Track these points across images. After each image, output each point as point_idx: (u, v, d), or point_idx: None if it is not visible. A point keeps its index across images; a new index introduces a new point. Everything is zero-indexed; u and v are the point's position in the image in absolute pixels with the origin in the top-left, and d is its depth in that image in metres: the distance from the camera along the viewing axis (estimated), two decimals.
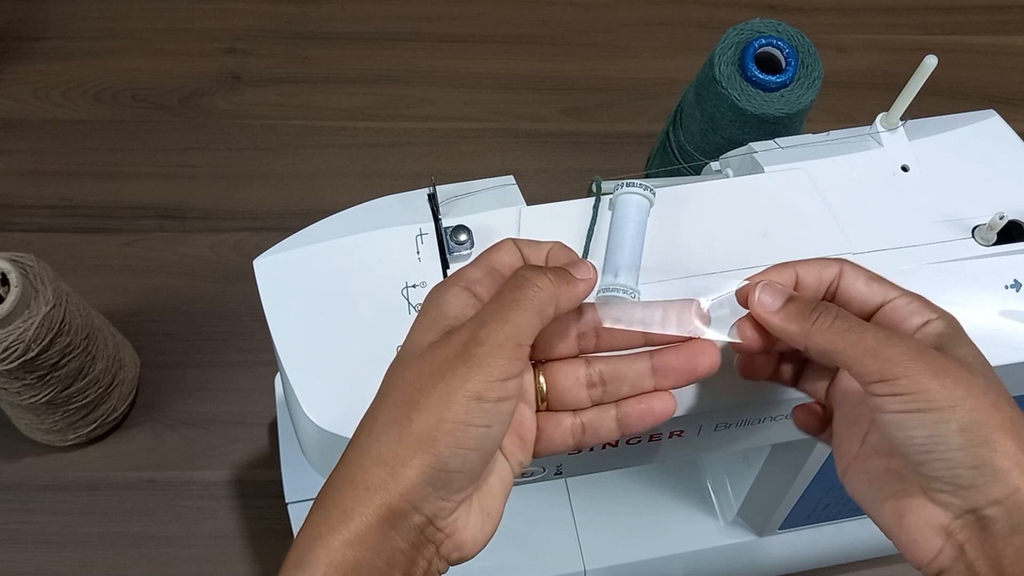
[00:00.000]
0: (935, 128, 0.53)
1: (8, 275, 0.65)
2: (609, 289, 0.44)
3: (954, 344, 0.38)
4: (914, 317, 0.39)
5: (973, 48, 1.04)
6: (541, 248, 0.40)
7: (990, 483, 0.35)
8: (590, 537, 0.71)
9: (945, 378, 0.35)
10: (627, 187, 0.46)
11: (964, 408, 0.35)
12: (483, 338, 0.34)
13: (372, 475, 0.33)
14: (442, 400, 0.34)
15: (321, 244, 0.49)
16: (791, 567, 0.74)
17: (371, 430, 0.35)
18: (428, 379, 0.34)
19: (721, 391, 0.47)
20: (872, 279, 0.40)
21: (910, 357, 0.36)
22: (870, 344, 0.37)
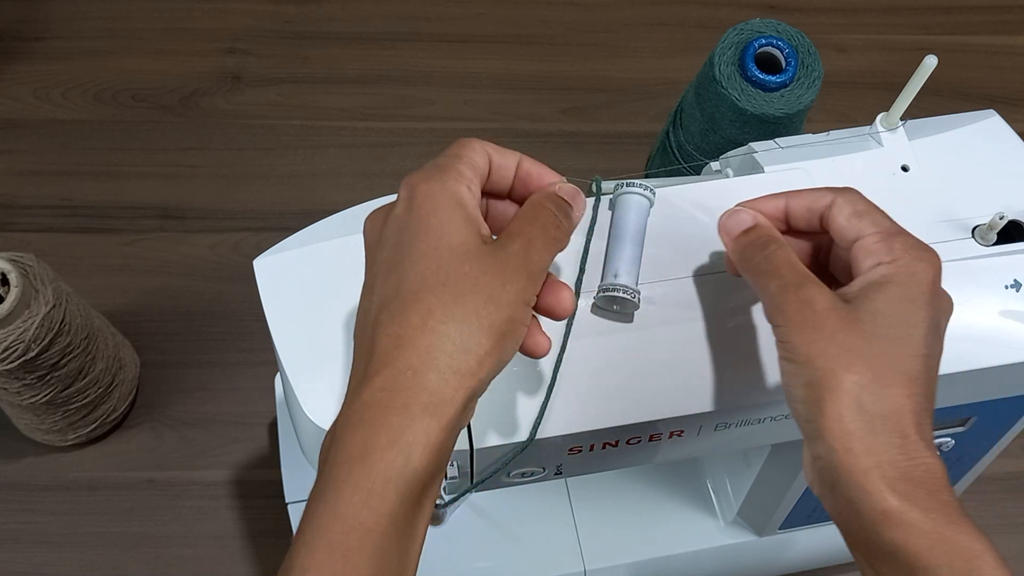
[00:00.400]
0: (935, 128, 0.53)
1: (8, 275, 0.65)
2: (609, 289, 0.45)
3: (874, 295, 0.39)
4: (869, 258, 0.40)
5: (973, 48, 1.04)
6: (510, 158, 0.41)
7: (816, 439, 0.38)
8: (590, 537, 0.71)
9: (809, 333, 0.38)
10: (627, 187, 0.46)
11: (812, 366, 0.38)
12: (535, 260, 0.38)
13: (460, 362, 0.36)
14: (511, 301, 0.37)
15: (321, 244, 0.49)
16: (791, 567, 0.74)
17: (446, 318, 0.36)
18: (498, 279, 0.37)
19: (721, 391, 0.47)
20: (855, 214, 0.41)
21: (792, 309, 0.39)
22: (771, 290, 0.40)
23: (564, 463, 0.50)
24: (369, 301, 0.38)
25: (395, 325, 0.36)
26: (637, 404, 0.47)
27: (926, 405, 0.38)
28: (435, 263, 0.37)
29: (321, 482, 0.35)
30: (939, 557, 0.36)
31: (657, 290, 0.47)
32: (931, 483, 0.37)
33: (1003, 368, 0.49)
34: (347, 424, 0.35)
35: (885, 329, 0.38)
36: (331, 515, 0.34)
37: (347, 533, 0.34)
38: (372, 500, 0.34)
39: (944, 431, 0.57)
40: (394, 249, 0.38)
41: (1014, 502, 0.81)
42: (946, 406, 0.53)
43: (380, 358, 0.36)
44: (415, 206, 0.38)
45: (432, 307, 0.36)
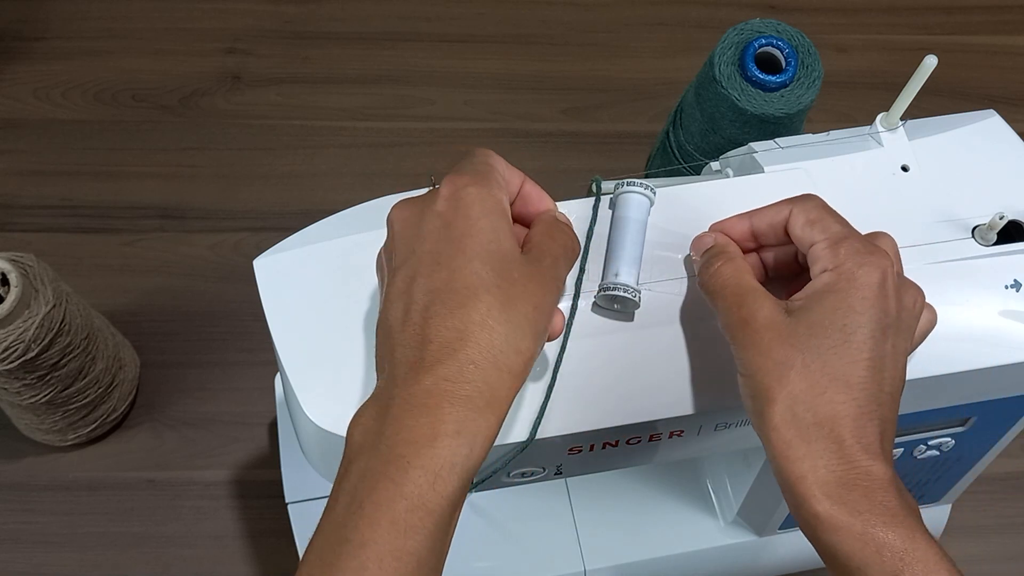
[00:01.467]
0: (935, 128, 0.53)
1: (8, 275, 0.65)
2: (610, 288, 0.45)
3: (814, 304, 0.40)
4: (816, 264, 0.42)
5: (973, 48, 1.04)
6: (516, 177, 0.43)
7: (765, 448, 0.41)
8: (590, 537, 0.71)
9: (749, 349, 0.41)
10: (628, 186, 0.46)
11: (754, 380, 0.40)
12: (561, 276, 0.42)
13: (513, 362, 0.38)
14: (549, 311, 0.40)
15: (321, 244, 0.49)
16: (791, 567, 0.74)
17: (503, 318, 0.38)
18: (540, 289, 0.39)
19: (721, 391, 0.47)
20: (808, 223, 0.42)
21: (735, 327, 0.41)
22: (719, 308, 0.43)
23: (564, 463, 0.50)
24: (408, 290, 0.39)
25: (454, 319, 0.37)
26: (637, 404, 0.47)
27: (870, 408, 0.39)
28: (490, 265, 0.38)
29: (374, 460, 0.36)
30: (870, 556, 0.37)
31: (657, 290, 0.47)
32: (867, 486, 0.38)
33: (1003, 368, 0.49)
34: (406, 407, 0.36)
35: (820, 339, 0.39)
36: (396, 492, 0.35)
37: (411, 511, 0.35)
38: (438, 484, 0.35)
39: (944, 431, 0.57)
40: (439, 243, 0.39)
41: (1014, 502, 0.81)
42: (946, 406, 0.53)
43: (440, 348, 0.37)
44: (463, 207, 0.39)
45: (491, 306, 0.37)
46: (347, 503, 0.36)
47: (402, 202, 0.42)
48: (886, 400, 0.40)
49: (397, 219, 0.41)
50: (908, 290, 0.42)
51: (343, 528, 0.35)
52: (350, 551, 0.35)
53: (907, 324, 0.41)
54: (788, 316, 0.41)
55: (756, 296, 0.42)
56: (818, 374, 0.39)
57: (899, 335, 0.41)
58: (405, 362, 0.38)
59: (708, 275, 0.44)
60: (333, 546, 0.35)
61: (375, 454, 0.36)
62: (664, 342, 0.47)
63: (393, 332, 0.39)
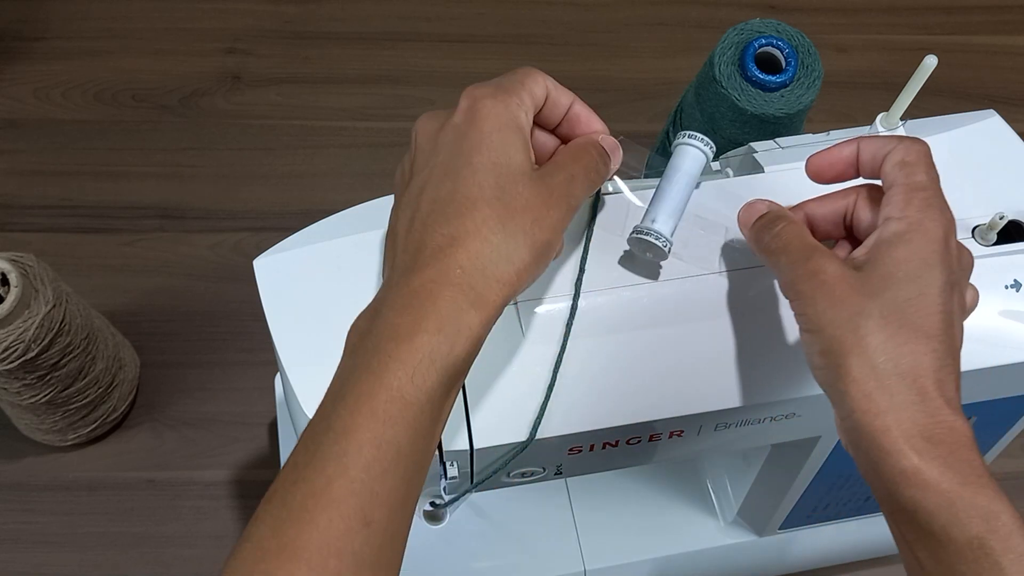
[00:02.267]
0: (935, 128, 0.53)
1: (8, 275, 0.65)
2: (644, 232, 0.45)
3: (883, 255, 0.39)
4: (885, 208, 0.41)
5: (973, 48, 1.04)
6: (565, 97, 0.45)
7: (839, 403, 0.39)
8: (590, 537, 0.71)
9: (820, 303, 0.39)
10: (687, 138, 0.47)
11: (826, 334, 0.39)
12: (575, 194, 0.42)
13: (503, 271, 0.38)
14: (552, 226, 0.40)
15: (321, 244, 0.49)
16: (791, 567, 0.74)
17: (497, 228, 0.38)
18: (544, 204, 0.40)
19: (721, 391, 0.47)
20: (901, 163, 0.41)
21: (802, 281, 0.40)
22: (782, 266, 0.42)
23: (564, 463, 0.50)
24: (416, 200, 0.40)
25: (450, 226, 0.38)
26: (637, 404, 0.47)
27: (948, 362, 0.38)
28: (494, 178, 0.39)
29: (361, 356, 0.37)
30: (955, 516, 0.36)
31: (658, 290, 0.47)
32: (952, 442, 0.37)
33: (1003, 368, 0.49)
34: (393, 307, 0.37)
35: (896, 290, 0.39)
36: (377, 384, 0.36)
37: (390, 402, 0.36)
38: (416, 377, 0.36)
39: None
40: (450, 155, 0.40)
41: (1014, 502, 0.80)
42: None
43: (432, 252, 0.38)
44: (477, 119, 0.40)
45: (487, 216, 0.38)
46: (332, 397, 0.37)
47: (427, 114, 0.43)
48: (958, 355, 0.39)
49: (420, 131, 0.42)
50: (964, 252, 0.42)
51: (327, 418, 0.37)
52: (332, 438, 0.36)
53: (965, 284, 0.41)
54: (857, 270, 0.40)
55: (823, 251, 0.41)
56: (896, 324, 0.38)
57: (961, 294, 0.41)
58: (401, 266, 0.39)
59: (771, 236, 0.43)
60: (317, 435, 0.36)
61: (362, 352, 0.37)
62: (664, 343, 0.47)
63: (396, 239, 0.40)
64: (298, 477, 0.36)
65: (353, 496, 0.35)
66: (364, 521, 0.35)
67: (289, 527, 0.35)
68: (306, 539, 0.35)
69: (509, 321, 0.46)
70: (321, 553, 0.34)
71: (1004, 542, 0.36)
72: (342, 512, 0.35)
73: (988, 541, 0.36)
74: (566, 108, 0.45)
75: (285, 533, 0.35)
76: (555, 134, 0.45)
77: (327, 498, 0.35)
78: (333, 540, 0.35)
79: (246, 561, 0.35)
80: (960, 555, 0.36)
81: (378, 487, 0.36)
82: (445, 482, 0.48)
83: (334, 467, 0.35)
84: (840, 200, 0.44)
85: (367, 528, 0.35)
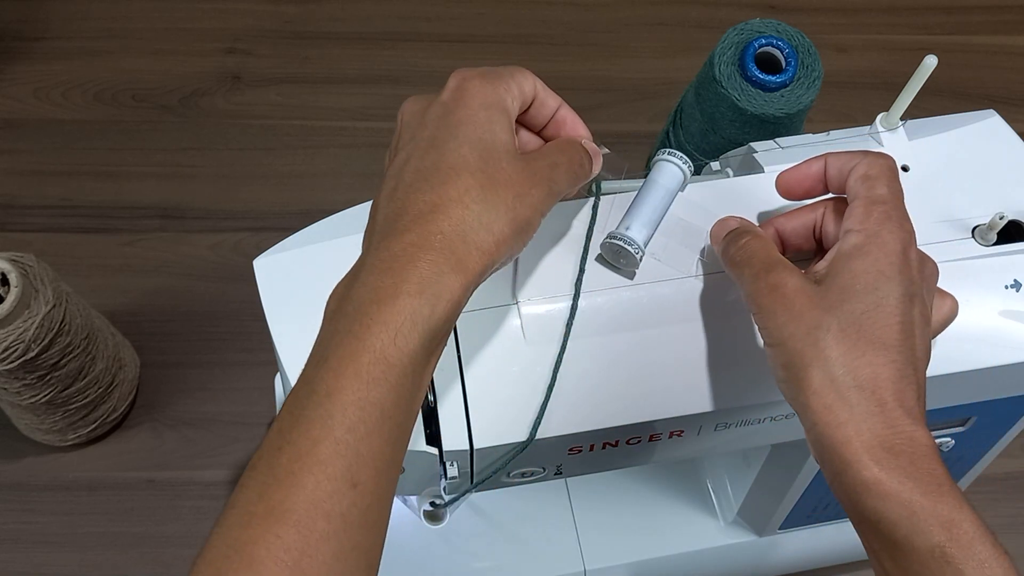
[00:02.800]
0: (935, 128, 0.53)
1: (8, 275, 0.65)
2: (617, 237, 0.45)
3: (842, 268, 0.40)
4: (846, 221, 0.42)
5: (973, 48, 1.04)
6: (552, 99, 0.45)
7: (801, 416, 0.40)
8: (590, 537, 0.71)
9: (780, 317, 0.40)
10: (664, 154, 0.48)
11: (786, 347, 0.40)
12: (557, 180, 0.42)
13: (482, 239, 0.38)
14: (533, 204, 0.40)
15: (321, 244, 0.49)
16: (791, 567, 0.74)
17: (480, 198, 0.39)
18: (527, 182, 0.40)
19: (721, 391, 0.47)
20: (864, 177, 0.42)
21: (763, 295, 0.41)
22: (745, 279, 0.42)
23: (564, 463, 0.50)
24: (400, 171, 0.41)
25: (432, 193, 0.39)
26: (637, 404, 0.47)
27: (908, 372, 0.39)
28: (478, 151, 0.40)
29: (341, 320, 0.37)
30: (916, 525, 0.37)
31: (657, 290, 0.47)
32: (912, 452, 0.37)
33: (1003, 368, 0.49)
34: (373, 270, 0.38)
35: (853, 303, 0.39)
36: (360, 346, 0.36)
37: (373, 364, 0.36)
38: (399, 339, 0.36)
39: (944, 431, 0.57)
40: (437, 129, 0.41)
41: (1014, 502, 0.81)
42: (946, 406, 0.53)
43: (412, 218, 0.38)
44: (466, 97, 0.41)
45: (470, 186, 0.39)
46: (315, 362, 0.37)
47: (413, 97, 0.44)
48: (919, 365, 0.40)
49: (406, 111, 0.43)
50: (927, 262, 0.43)
51: (310, 382, 0.36)
52: (317, 401, 0.36)
53: (927, 295, 0.42)
54: (817, 285, 0.41)
55: (784, 265, 0.42)
56: (854, 337, 0.39)
57: (923, 304, 0.41)
58: (380, 231, 0.39)
59: (735, 248, 0.44)
60: (301, 399, 0.36)
61: (342, 316, 0.37)
62: (664, 343, 0.47)
63: (378, 208, 0.41)
64: (283, 442, 0.36)
65: (339, 457, 0.35)
66: (351, 483, 0.35)
67: (275, 491, 0.35)
68: (293, 501, 0.34)
69: (510, 321, 0.46)
70: (309, 515, 0.34)
71: (965, 550, 0.36)
72: (329, 473, 0.35)
73: (949, 549, 0.36)
74: (553, 111, 0.45)
75: (272, 497, 0.34)
76: (540, 136, 0.46)
77: (313, 459, 0.35)
78: (321, 501, 0.35)
79: (232, 527, 0.35)
80: (923, 564, 0.37)
81: (363, 448, 0.36)
82: (445, 482, 0.48)
83: (319, 429, 0.35)
84: (808, 214, 0.45)
85: (354, 490, 0.35)
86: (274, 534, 0.34)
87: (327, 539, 0.35)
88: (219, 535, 0.35)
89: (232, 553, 0.34)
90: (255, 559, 0.33)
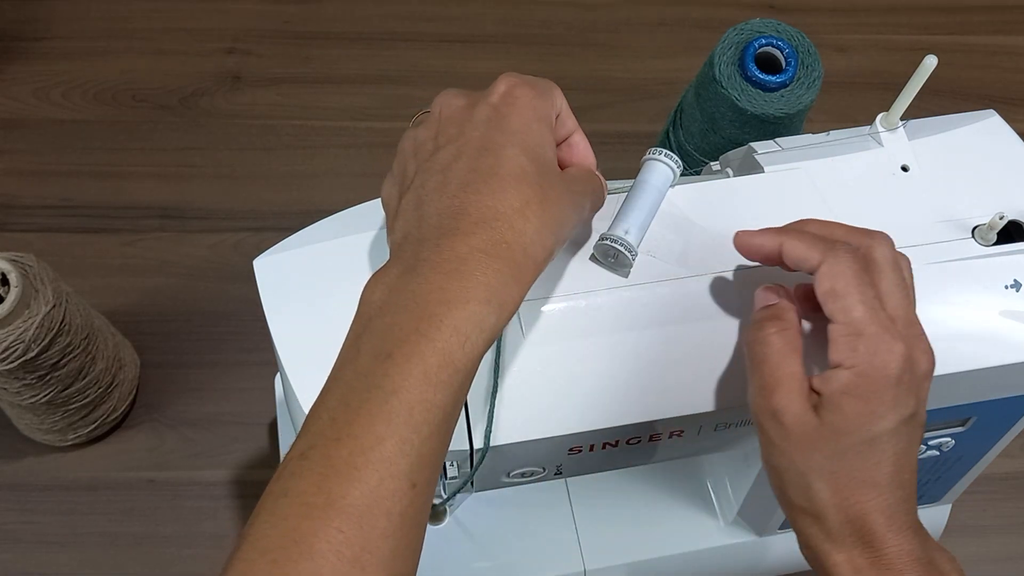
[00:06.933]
0: (935, 128, 0.53)
1: (8, 275, 0.65)
2: (611, 239, 0.45)
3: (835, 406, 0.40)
4: (835, 353, 0.41)
5: (973, 48, 1.04)
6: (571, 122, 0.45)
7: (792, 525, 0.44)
8: (590, 537, 0.71)
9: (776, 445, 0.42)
10: (653, 154, 0.48)
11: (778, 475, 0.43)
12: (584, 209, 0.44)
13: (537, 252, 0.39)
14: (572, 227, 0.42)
15: (321, 244, 0.49)
16: (791, 567, 0.74)
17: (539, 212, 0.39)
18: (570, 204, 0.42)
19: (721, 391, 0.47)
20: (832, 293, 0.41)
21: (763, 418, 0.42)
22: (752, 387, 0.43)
23: (564, 463, 0.50)
24: (449, 167, 0.40)
25: (493, 199, 0.39)
26: (637, 404, 0.47)
27: (898, 496, 0.41)
28: (535, 164, 0.40)
29: (401, 315, 0.37)
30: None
31: (656, 290, 0.47)
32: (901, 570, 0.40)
33: (1003, 368, 0.49)
34: (438, 269, 0.37)
35: (845, 445, 0.40)
36: (429, 347, 0.36)
37: (442, 367, 0.36)
38: (467, 345, 0.37)
39: (944, 431, 0.57)
40: (490, 131, 0.40)
41: (1014, 502, 0.81)
42: (946, 406, 0.53)
43: (476, 222, 0.38)
44: (518, 105, 0.41)
45: (530, 199, 0.39)
46: (373, 354, 0.37)
47: (450, 91, 0.43)
48: (911, 477, 0.41)
49: (447, 104, 0.43)
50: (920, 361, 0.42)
51: (370, 376, 0.36)
52: (380, 397, 0.35)
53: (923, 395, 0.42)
54: (815, 415, 0.41)
55: (791, 387, 0.41)
56: (845, 479, 0.41)
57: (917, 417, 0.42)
58: (438, 227, 0.39)
59: (757, 338, 0.43)
60: (359, 392, 0.36)
61: (403, 311, 0.37)
62: (664, 343, 0.47)
63: (425, 201, 0.40)
64: (341, 434, 0.35)
65: (403, 457, 0.35)
66: (411, 483, 0.35)
67: (335, 483, 0.34)
68: (356, 496, 0.34)
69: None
70: (371, 511, 0.34)
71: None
72: (392, 472, 0.35)
73: None
74: (569, 133, 0.45)
75: (332, 489, 0.34)
76: None
77: (377, 456, 0.35)
78: (383, 499, 0.35)
79: (288, 517, 0.34)
80: None
81: (425, 449, 0.36)
82: (445, 481, 0.49)
83: (384, 426, 0.35)
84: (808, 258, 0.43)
85: (413, 490, 0.35)
86: (335, 528, 0.34)
87: (386, 537, 0.35)
88: (272, 524, 0.35)
89: (291, 544, 0.34)
90: (316, 552, 0.34)
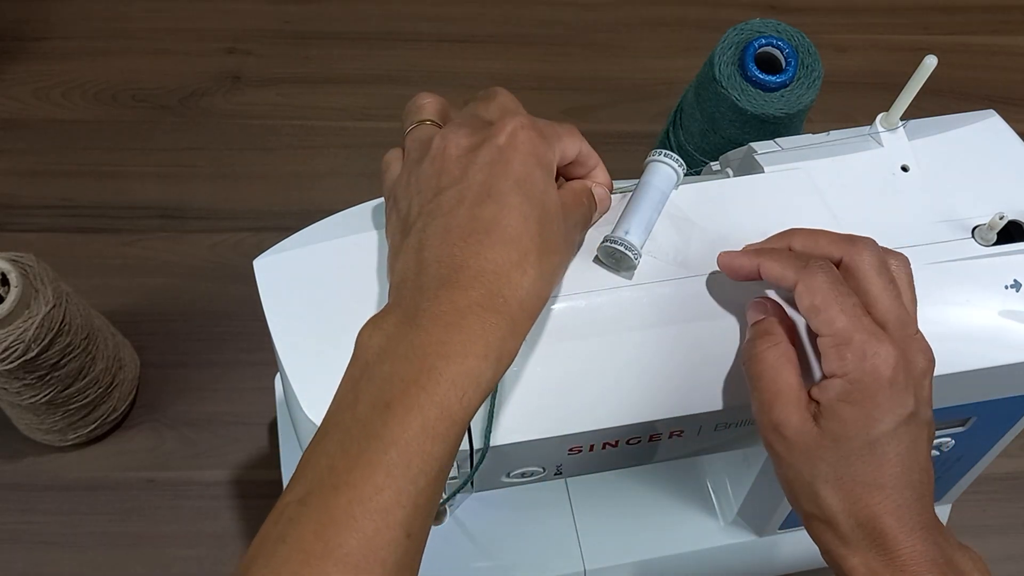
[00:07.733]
0: (935, 128, 0.53)
1: (8, 275, 0.65)
2: (615, 241, 0.45)
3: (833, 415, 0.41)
4: (826, 363, 0.42)
5: (973, 48, 1.04)
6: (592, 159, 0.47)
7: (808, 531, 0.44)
8: (590, 537, 0.71)
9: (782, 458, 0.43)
10: (657, 155, 0.48)
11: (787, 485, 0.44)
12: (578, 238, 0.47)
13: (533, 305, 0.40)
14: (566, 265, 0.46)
15: (321, 244, 0.49)
16: (791, 567, 0.74)
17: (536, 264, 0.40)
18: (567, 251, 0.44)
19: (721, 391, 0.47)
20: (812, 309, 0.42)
21: (766, 431, 0.43)
22: (754, 403, 0.44)
23: (564, 463, 0.50)
24: (452, 211, 0.40)
25: (495, 252, 0.39)
26: (637, 404, 0.47)
27: (908, 495, 0.41)
28: (537, 214, 0.40)
29: (400, 364, 0.38)
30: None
31: (657, 290, 0.47)
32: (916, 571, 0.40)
33: (1003, 368, 0.49)
34: (437, 321, 0.38)
35: (847, 451, 0.41)
36: (427, 400, 0.37)
37: (440, 420, 0.37)
38: (464, 398, 0.37)
39: (944, 431, 0.57)
40: (492, 177, 0.40)
41: (1014, 502, 0.81)
42: (946, 406, 0.53)
43: (475, 275, 0.39)
44: (520, 150, 0.41)
45: (529, 251, 0.40)
46: (372, 402, 0.37)
47: (457, 124, 0.43)
48: (922, 476, 0.41)
49: (451, 141, 0.42)
50: (916, 362, 0.42)
51: (369, 424, 0.37)
52: (379, 447, 0.36)
53: (925, 394, 0.42)
54: (815, 425, 0.42)
55: (788, 399, 0.42)
56: (850, 484, 0.41)
57: (920, 416, 0.42)
58: (437, 277, 0.39)
59: (751, 356, 0.44)
60: (358, 440, 0.36)
61: (402, 360, 0.37)
62: (664, 343, 0.47)
63: (426, 247, 0.40)
64: (339, 482, 0.36)
65: (400, 507, 0.36)
66: (407, 532, 0.36)
67: (333, 532, 0.35)
68: (352, 545, 0.35)
69: None
70: (367, 560, 0.35)
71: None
72: (389, 522, 0.35)
73: None
74: (590, 170, 0.47)
75: (330, 538, 0.35)
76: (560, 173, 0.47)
77: (375, 506, 0.35)
78: (379, 549, 0.35)
79: (288, 563, 0.35)
80: None
81: (421, 500, 0.36)
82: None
83: (383, 477, 0.36)
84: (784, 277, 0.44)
85: (408, 539, 0.36)
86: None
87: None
88: (271, 569, 0.35)
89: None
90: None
